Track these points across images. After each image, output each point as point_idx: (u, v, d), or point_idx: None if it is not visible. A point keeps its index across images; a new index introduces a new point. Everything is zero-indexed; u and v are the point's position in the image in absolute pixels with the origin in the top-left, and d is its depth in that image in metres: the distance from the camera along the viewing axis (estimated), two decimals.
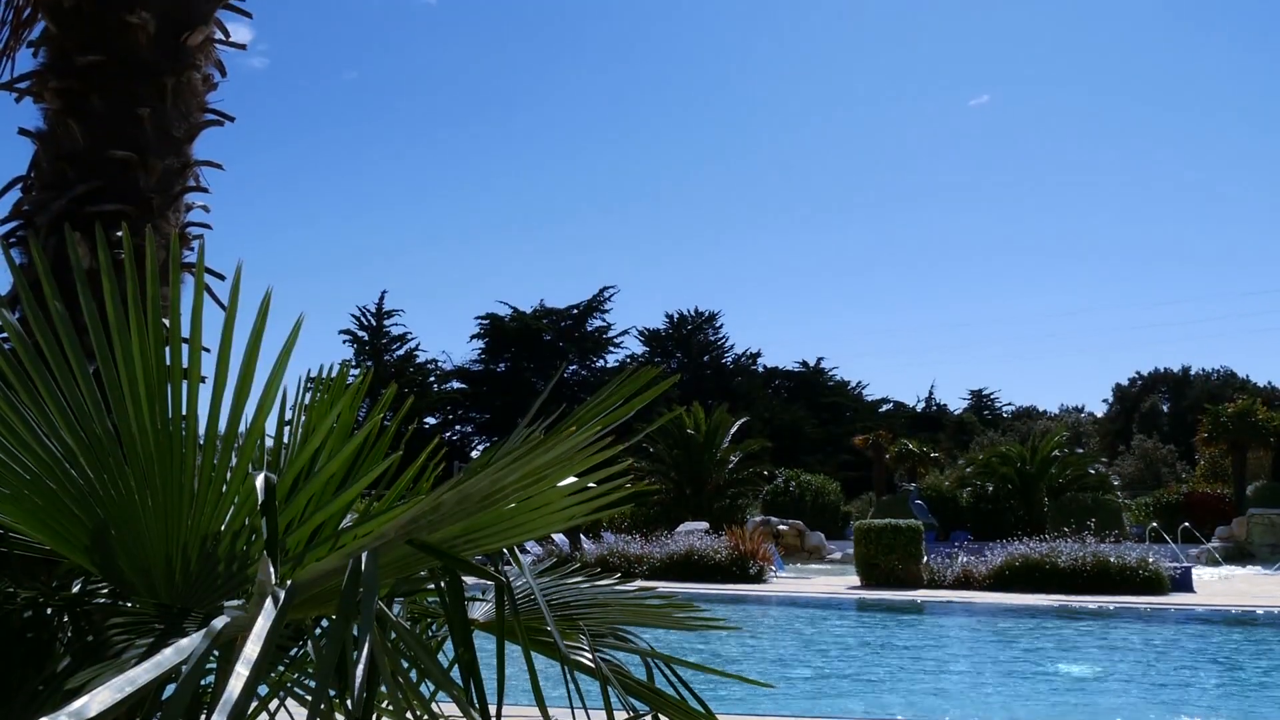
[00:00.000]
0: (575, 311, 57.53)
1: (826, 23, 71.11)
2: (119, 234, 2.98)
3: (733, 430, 34.59)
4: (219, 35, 3.70)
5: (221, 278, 2.98)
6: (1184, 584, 18.23)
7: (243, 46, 3.75)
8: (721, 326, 60.66)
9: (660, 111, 73.23)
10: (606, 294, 57.44)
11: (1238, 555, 27.44)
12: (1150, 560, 18.11)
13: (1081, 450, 41.28)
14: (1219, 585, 19.92)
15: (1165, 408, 63.71)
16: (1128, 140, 72.50)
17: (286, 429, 2.43)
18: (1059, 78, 70.46)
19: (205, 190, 3.56)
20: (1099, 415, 67.17)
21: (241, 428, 2.10)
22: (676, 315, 60.75)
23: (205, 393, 2.09)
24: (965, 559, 19.92)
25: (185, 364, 2.10)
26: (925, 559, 19.54)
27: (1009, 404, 67.40)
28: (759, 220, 76.14)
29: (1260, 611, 15.14)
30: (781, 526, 28.97)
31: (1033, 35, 70.68)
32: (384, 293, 55.68)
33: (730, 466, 34.16)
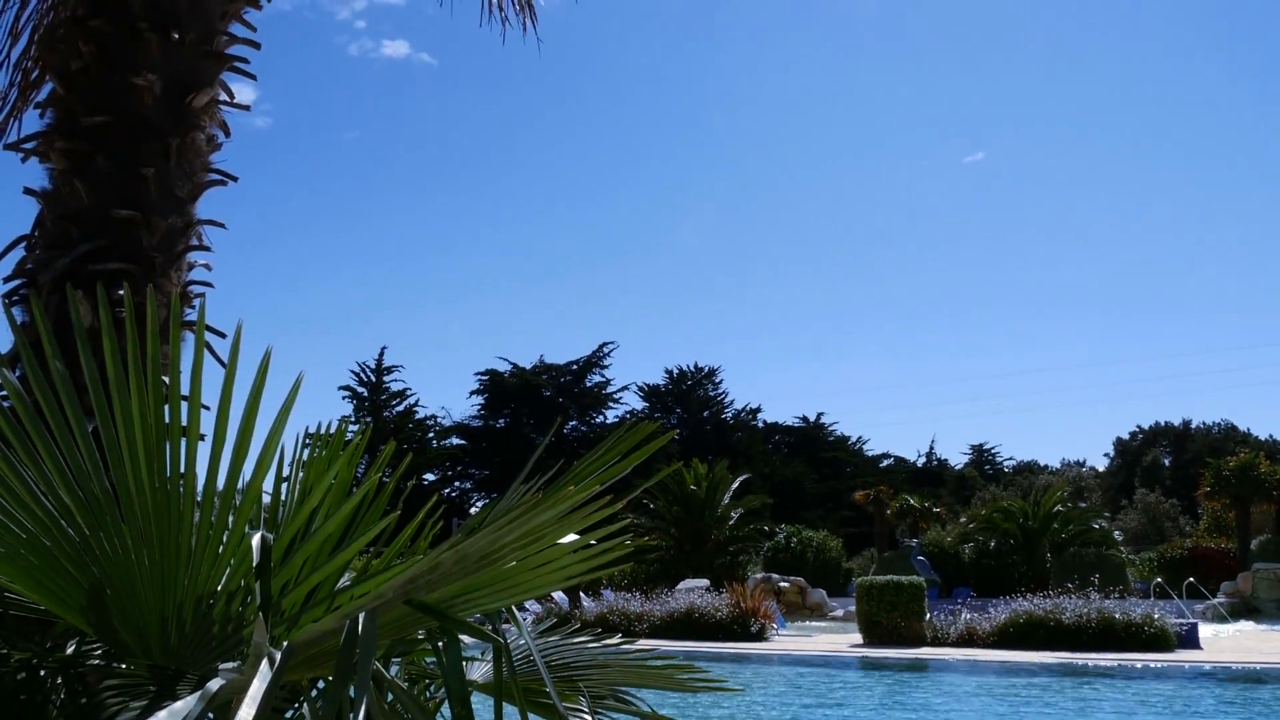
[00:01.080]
0: (575, 367, 57.54)
1: (823, 80, 72.10)
2: (121, 292, 3.00)
3: (733, 486, 34.43)
4: (223, 96, 3.75)
5: (222, 335, 2.99)
6: (1190, 640, 18.02)
7: (246, 108, 3.80)
8: (721, 382, 60.64)
9: (658, 167, 73.90)
10: (606, 350, 57.49)
11: (1244, 611, 27.16)
12: (1156, 616, 17.92)
13: (1084, 505, 41.07)
14: (1226, 642, 19.69)
15: (1167, 461, 63.49)
16: (1125, 193, 73.13)
17: (284, 485, 2.43)
18: (1054, 133, 71.25)
19: (207, 249, 3.59)
20: (1100, 469, 66.92)
21: (240, 484, 2.09)
22: (676, 371, 60.77)
23: (204, 450, 2.09)
24: (969, 616, 19.71)
25: (184, 421, 2.10)
26: (928, 616, 19.34)
27: (1010, 458, 67.22)
28: (758, 275, 76.51)
29: (1269, 669, 14.96)
30: (783, 583, 28.72)
31: (1027, 92, 71.59)
32: (383, 348, 55.71)
33: (731, 523, 33.95)
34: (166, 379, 2.16)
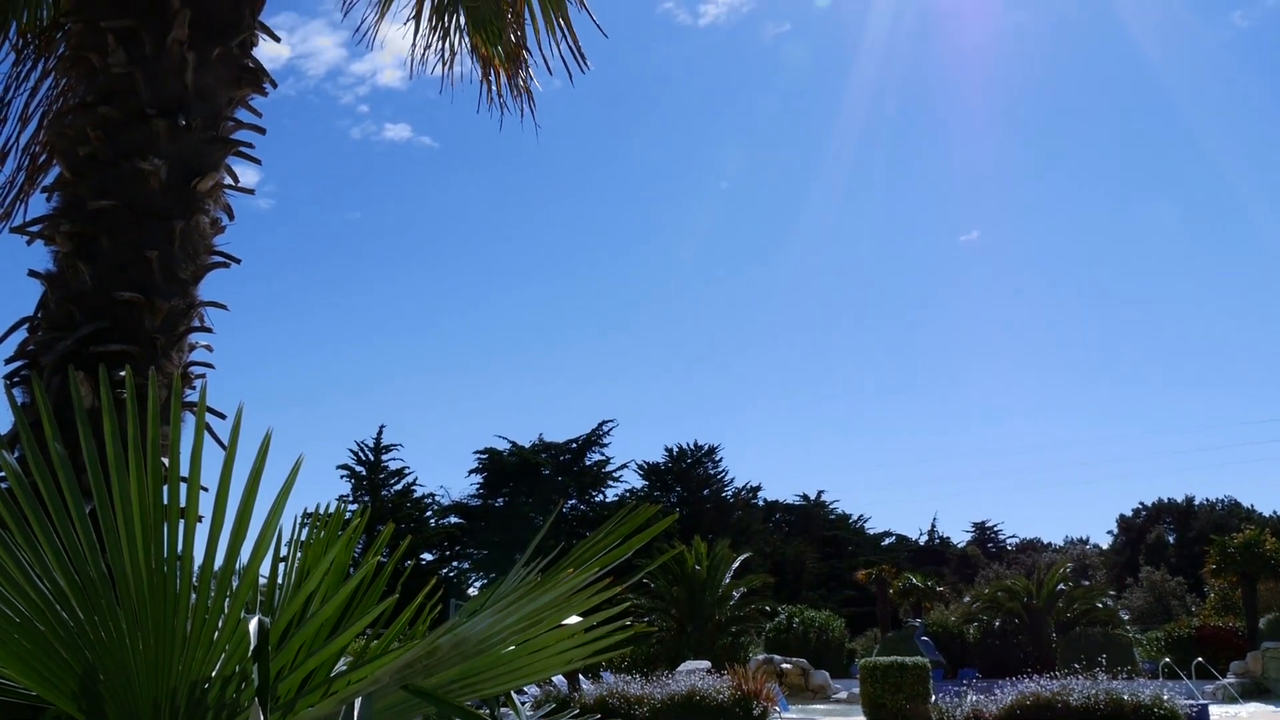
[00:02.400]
0: (574, 446, 57.36)
1: (818, 157, 73.15)
2: (122, 374, 3.01)
3: (734, 566, 34.10)
4: (228, 180, 3.81)
5: (222, 416, 2.99)
6: None
7: (251, 191, 3.86)
8: (721, 460, 60.39)
9: (656, 243, 74.60)
10: (605, 428, 57.37)
11: (1254, 691, 26.69)
12: (1165, 698, 17.59)
13: (1087, 583, 40.63)
14: None
15: (1171, 539, 62.98)
16: (1123, 268, 73.70)
17: (282, 565, 2.41)
18: (1049, 210, 72.09)
19: (209, 330, 3.61)
20: (1104, 547, 66.35)
21: (237, 566, 2.08)
22: (675, 449, 60.55)
23: (202, 532, 2.08)
24: (974, 698, 19.35)
25: (183, 503, 2.09)
26: (933, 698, 19.00)
27: (1013, 536, 66.67)
28: (756, 353, 76.74)
29: None
30: (785, 665, 28.26)
31: (1022, 170, 72.58)
32: (382, 427, 55.54)
33: (732, 603, 33.55)
34: (166, 460, 2.16)
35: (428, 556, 51.94)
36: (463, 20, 5.33)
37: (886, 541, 61.05)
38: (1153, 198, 69.46)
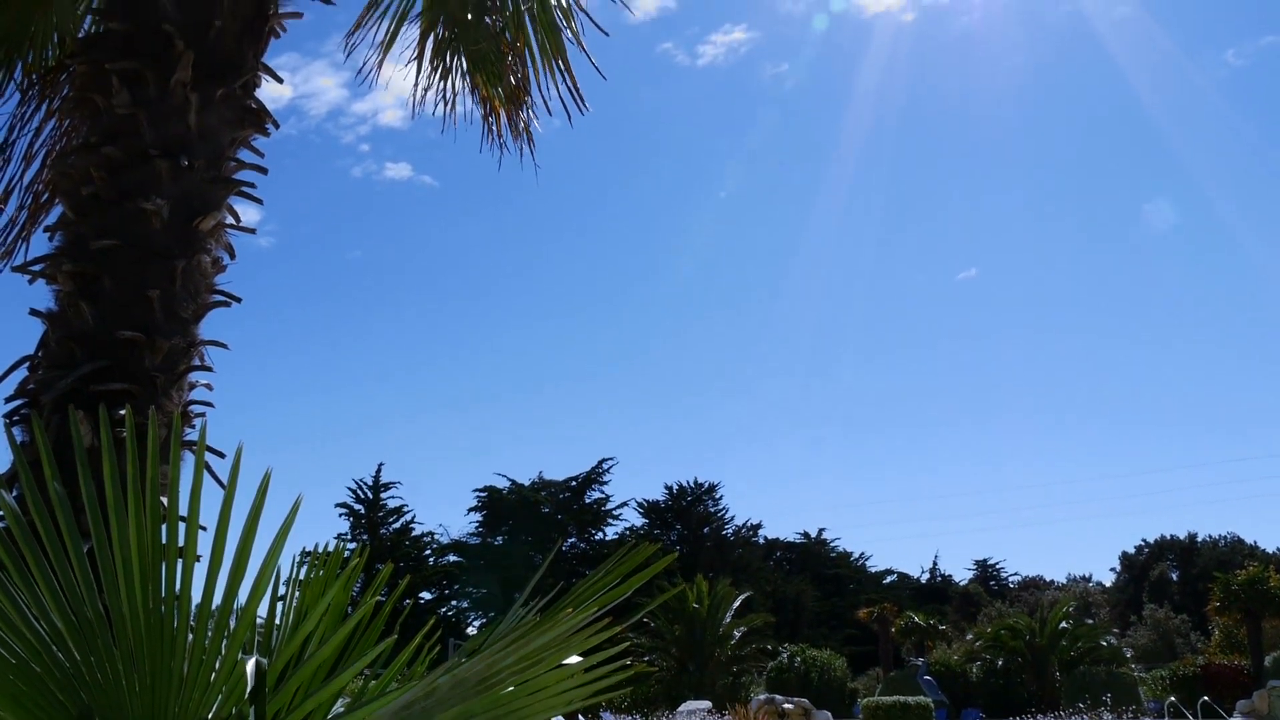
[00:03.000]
0: (574, 484, 57.18)
1: (815, 194, 73.51)
2: (122, 412, 3.01)
3: (735, 605, 33.87)
4: (229, 219, 3.83)
5: (221, 455, 2.99)
6: None
7: (252, 231, 3.89)
8: (721, 498, 60.17)
9: (655, 281, 74.78)
10: (605, 466, 57.21)
11: None
12: None
13: (1091, 621, 40.35)
14: None
15: (1174, 576, 62.64)
16: (1121, 305, 73.84)
17: (280, 605, 2.39)
18: (1047, 249, 72.37)
19: (209, 369, 3.62)
20: (1107, 584, 65.96)
21: (235, 606, 2.07)
22: (675, 487, 60.34)
23: (200, 571, 2.07)
24: None
25: (181, 542, 2.08)
26: None
27: (1015, 573, 66.28)
28: (756, 390, 76.70)
29: None
30: (786, 705, 27.98)
31: (1019, 211, 72.93)
32: (381, 465, 55.40)
33: (733, 642, 33.30)
34: (165, 499, 2.16)
35: (426, 595, 51.61)
36: (464, 62, 5.39)
37: (888, 579, 60.71)
38: (1149, 236, 69.76)
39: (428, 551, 54.87)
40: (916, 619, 38.06)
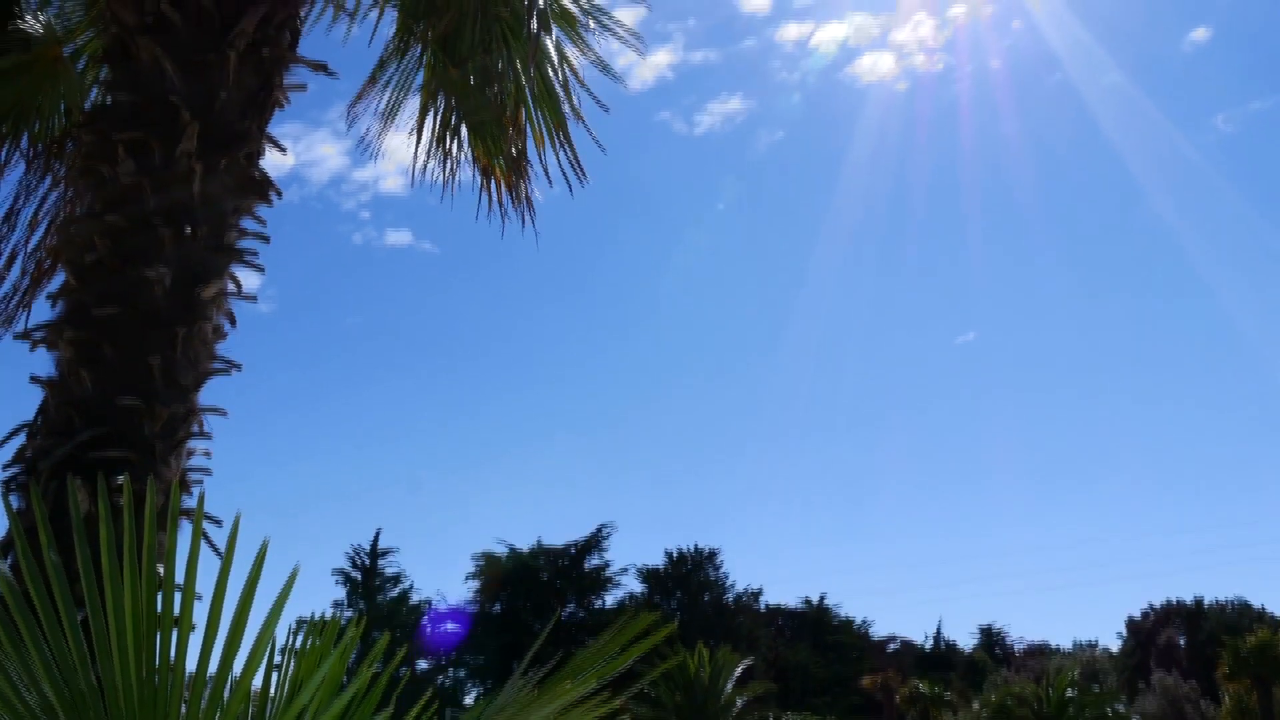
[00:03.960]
0: (573, 550, 56.74)
1: (806, 256, 73.94)
2: (120, 480, 3.01)
3: (737, 673, 33.39)
4: (231, 287, 3.86)
5: (219, 523, 2.98)
6: None
7: (253, 299, 3.91)
8: (722, 564, 59.62)
9: (653, 345, 74.99)
10: (604, 532, 56.82)
11: None
12: None
13: (1098, 688, 39.76)
14: None
15: (1181, 641, 61.85)
16: (1121, 370, 73.93)
17: (275, 675, 2.37)
18: (1044, 314, 72.64)
19: (208, 436, 3.62)
20: (1114, 650, 65.10)
21: (230, 676, 2.04)
22: (675, 553, 59.85)
23: (196, 641, 2.05)
24: None
25: (177, 611, 2.07)
26: None
27: (1020, 639, 65.49)
28: (756, 456, 76.46)
29: None
30: None
31: (1016, 275, 73.39)
32: (379, 530, 55.04)
33: (735, 711, 32.77)
34: (161, 567, 2.14)
35: (423, 664, 50.91)
36: (464, 132, 5.47)
37: (891, 646, 59.94)
38: (1145, 300, 70.08)
39: (425, 619, 54.21)
40: (921, 687, 37.54)
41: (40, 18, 5.03)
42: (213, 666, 2.01)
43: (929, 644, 63.01)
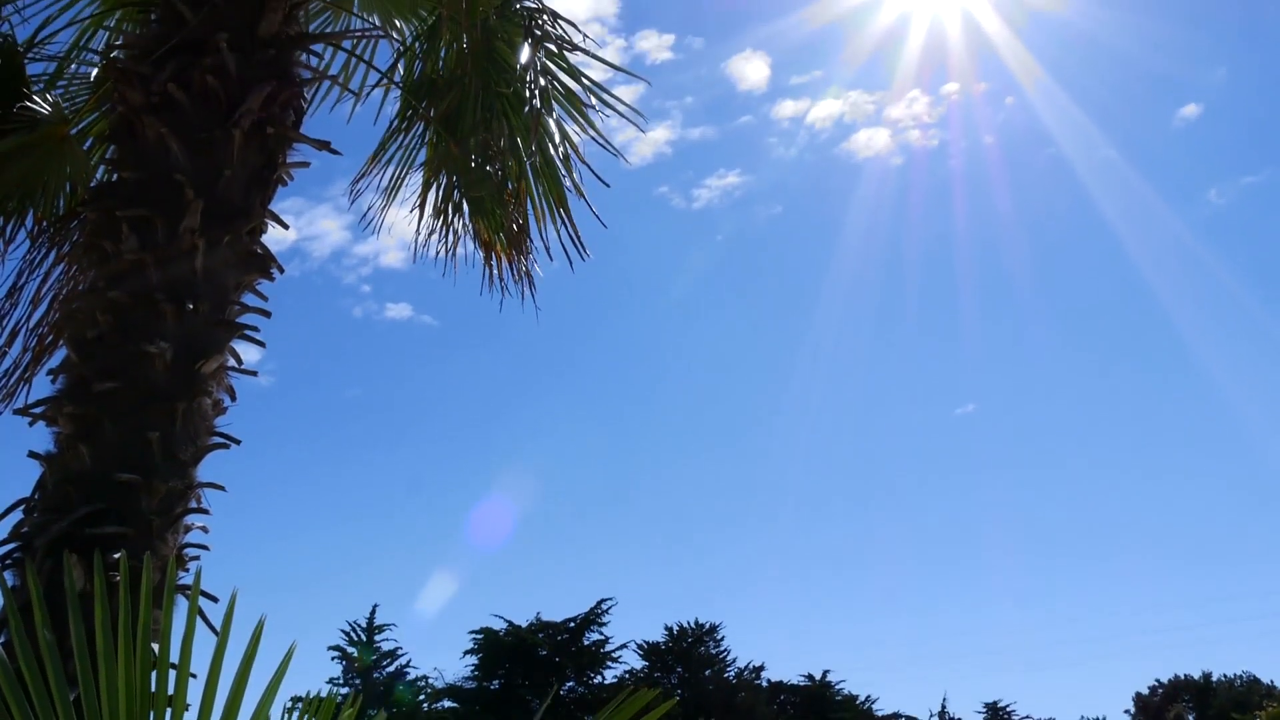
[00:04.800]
0: (572, 625, 56.02)
1: (803, 327, 74.13)
2: (117, 556, 2.99)
3: None
4: (231, 362, 3.88)
5: (215, 600, 2.95)
6: None
7: (254, 373, 3.92)
8: (723, 639, 58.79)
9: (649, 417, 74.85)
10: (604, 606, 56.16)
11: None
12: None
13: None
14: None
15: (1191, 718, 60.81)
16: (1124, 443, 73.67)
17: None
18: (1045, 386, 72.68)
19: (206, 511, 3.60)
20: None
21: None
22: (676, 628, 59.08)
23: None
24: None
25: (171, 690, 2.04)
26: None
27: (1026, 716, 64.35)
28: (755, 530, 75.86)
29: None
30: None
31: (1015, 347, 73.59)
32: (375, 606, 54.31)
33: None
34: (157, 645, 2.12)
35: None
36: (466, 208, 5.55)
37: None
38: (1142, 374, 70.18)
39: (422, 696, 53.38)
40: None
41: (48, 98, 5.12)
42: None
43: None
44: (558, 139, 5.23)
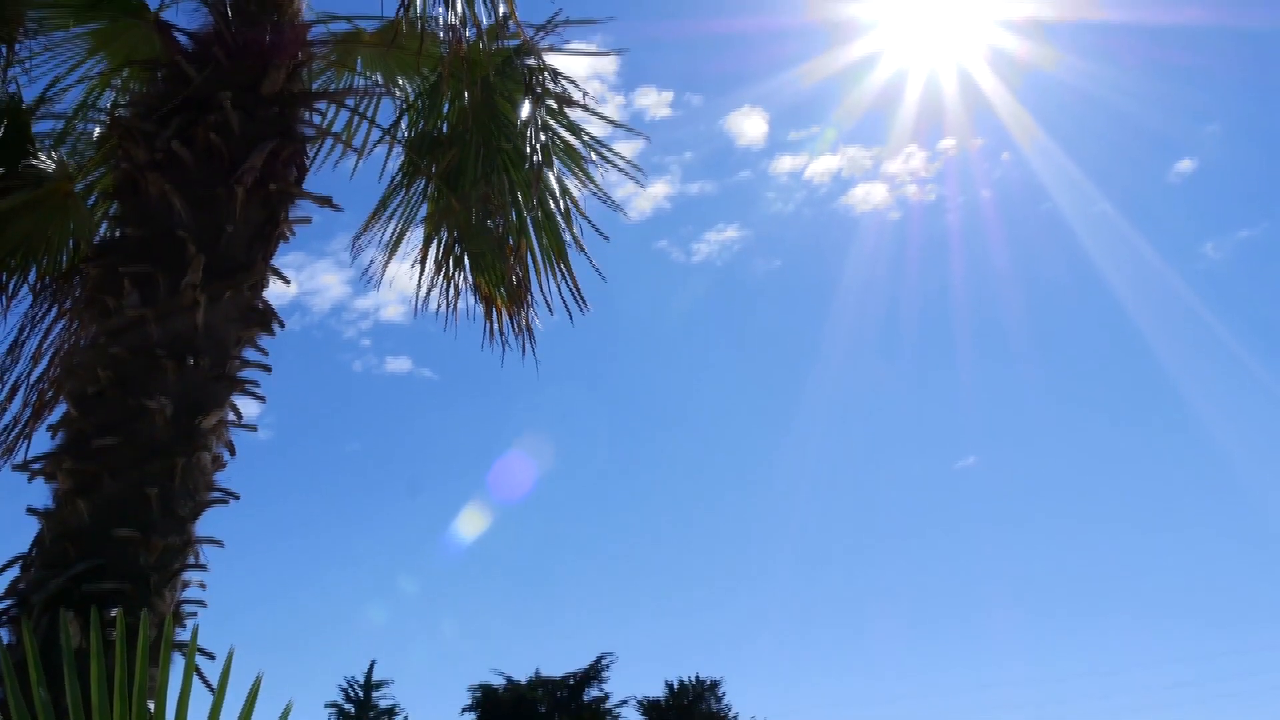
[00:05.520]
0: (572, 681, 55.35)
1: (800, 378, 74.06)
2: (114, 613, 2.96)
3: None
4: (231, 416, 3.87)
5: (211, 657, 2.93)
6: None
7: (254, 428, 3.92)
8: (724, 695, 58.00)
9: (649, 472, 74.57)
10: (604, 662, 55.57)
11: None
12: None
13: None
14: None
15: None
16: (1124, 497, 73.30)
17: None
18: (1046, 439, 72.46)
19: (203, 568, 3.58)
20: None
21: None
22: (676, 684, 58.39)
23: None
24: None
25: None
26: None
27: None
28: (754, 585, 75.24)
29: None
30: None
31: (1016, 399, 73.51)
32: (373, 662, 53.69)
33: None
34: (152, 703, 2.10)
35: None
36: (467, 262, 5.58)
37: None
38: (1141, 428, 70.01)
39: None
40: None
41: (54, 155, 5.17)
42: None
43: None
44: (558, 193, 5.28)
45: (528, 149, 5.06)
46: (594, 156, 5.29)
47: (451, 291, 5.67)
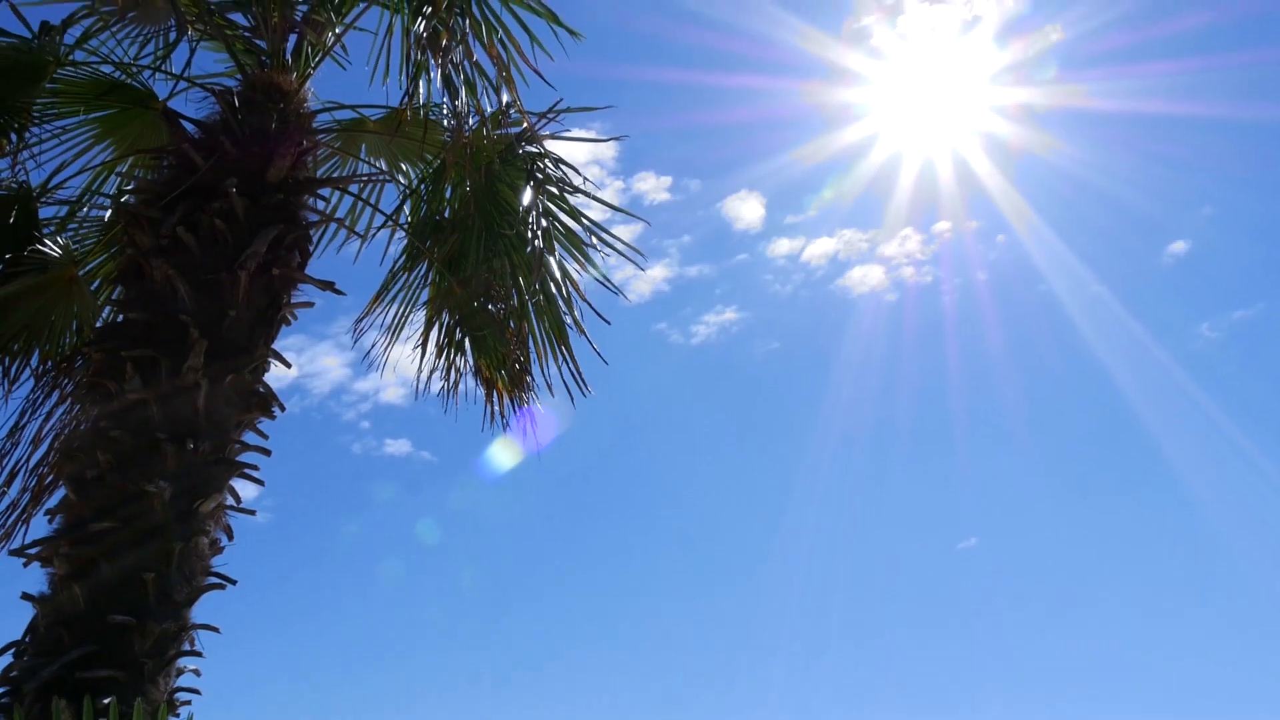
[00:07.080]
0: None
1: (796, 466, 73.64)
2: (107, 701, 2.91)
3: None
4: (230, 500, 3.84)
5: None
6: None
7: (252, 513, 3.89)
8: None
9: (643, 561, 73.69)
10: None
11: None
12: None
13: None
14: None
15: None
16: (1126, 578, 72.47)
17: None
18: (1048, 519, 71.83)
19: (199, 654, 3.52)
20: None
21: None
22: None
23: None
24: None
25: None
26: None
27: None
28: (753, 673, 73.83)
29: None
30: None
31: (1016, 481, 73.07)
32: None
33: None
34: None
35: None
36: (468, 346, 5.60)
37: None
38: (1138, 510, 69.37)
39: None
40: None
41: (59, 240, 5.21)
42: None
43: None
44: (559, 277, 5.32)
45: (529, 234, 5.11)
46: (594, 241, 5.34)
47: (453, 374, 5.68)
